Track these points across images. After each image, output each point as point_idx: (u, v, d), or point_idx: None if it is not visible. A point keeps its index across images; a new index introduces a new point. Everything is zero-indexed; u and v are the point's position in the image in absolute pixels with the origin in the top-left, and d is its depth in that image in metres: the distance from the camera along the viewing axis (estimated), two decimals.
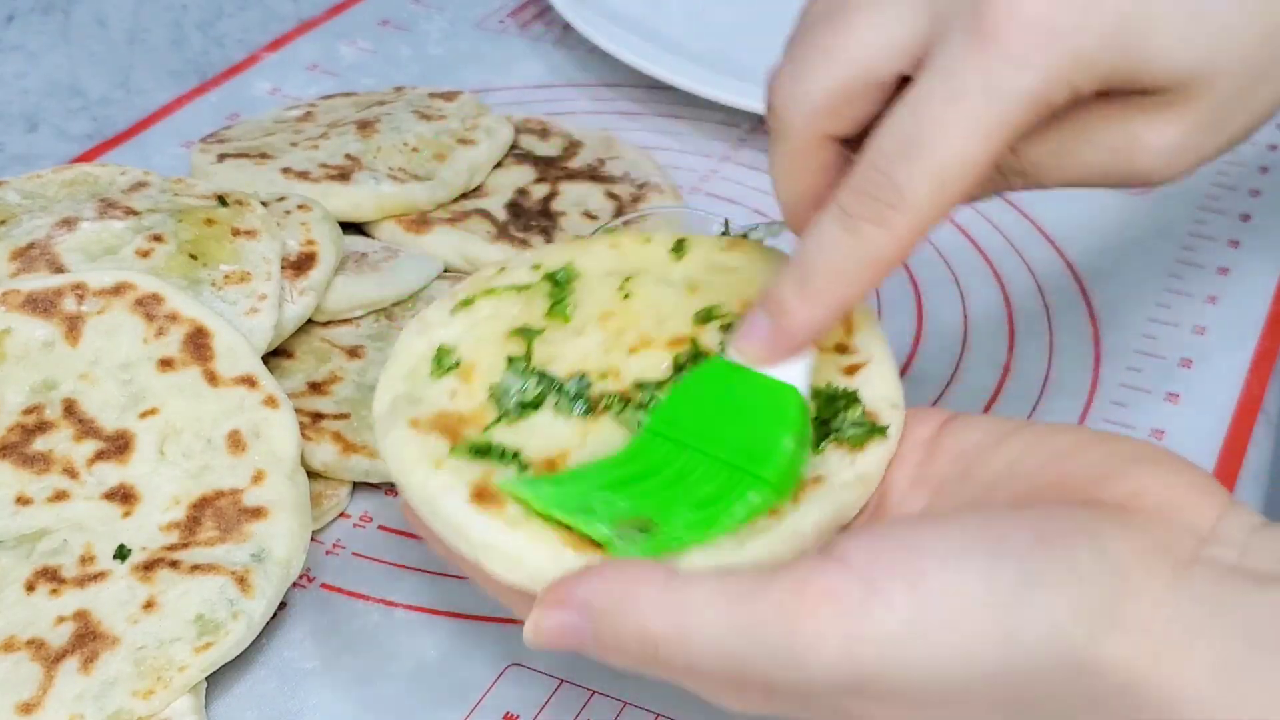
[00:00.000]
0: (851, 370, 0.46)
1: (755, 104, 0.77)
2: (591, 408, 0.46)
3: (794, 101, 0.44)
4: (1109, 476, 0.38)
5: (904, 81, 0.43)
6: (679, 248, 0.50)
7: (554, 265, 0.49)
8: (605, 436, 0.45)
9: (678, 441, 0.44)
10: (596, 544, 0.41)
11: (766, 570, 0.37)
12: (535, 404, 0.46)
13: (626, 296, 0.49)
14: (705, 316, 0.48)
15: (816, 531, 0.42)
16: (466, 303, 0.48)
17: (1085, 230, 0.74)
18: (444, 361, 0.47)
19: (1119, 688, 0.35)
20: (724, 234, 0.60)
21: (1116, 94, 0.43)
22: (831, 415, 0.45)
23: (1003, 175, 0.46)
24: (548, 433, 0.45)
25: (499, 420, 0.46)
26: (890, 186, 0.41)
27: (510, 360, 0.47)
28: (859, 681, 0.35)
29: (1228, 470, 0.59)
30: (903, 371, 0.64)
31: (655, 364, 0.47)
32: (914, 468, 0.43)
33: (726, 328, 0.47)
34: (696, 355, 0.47)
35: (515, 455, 0.44)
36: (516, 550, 0.41)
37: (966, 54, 0.40)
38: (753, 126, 0.82)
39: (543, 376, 0.47)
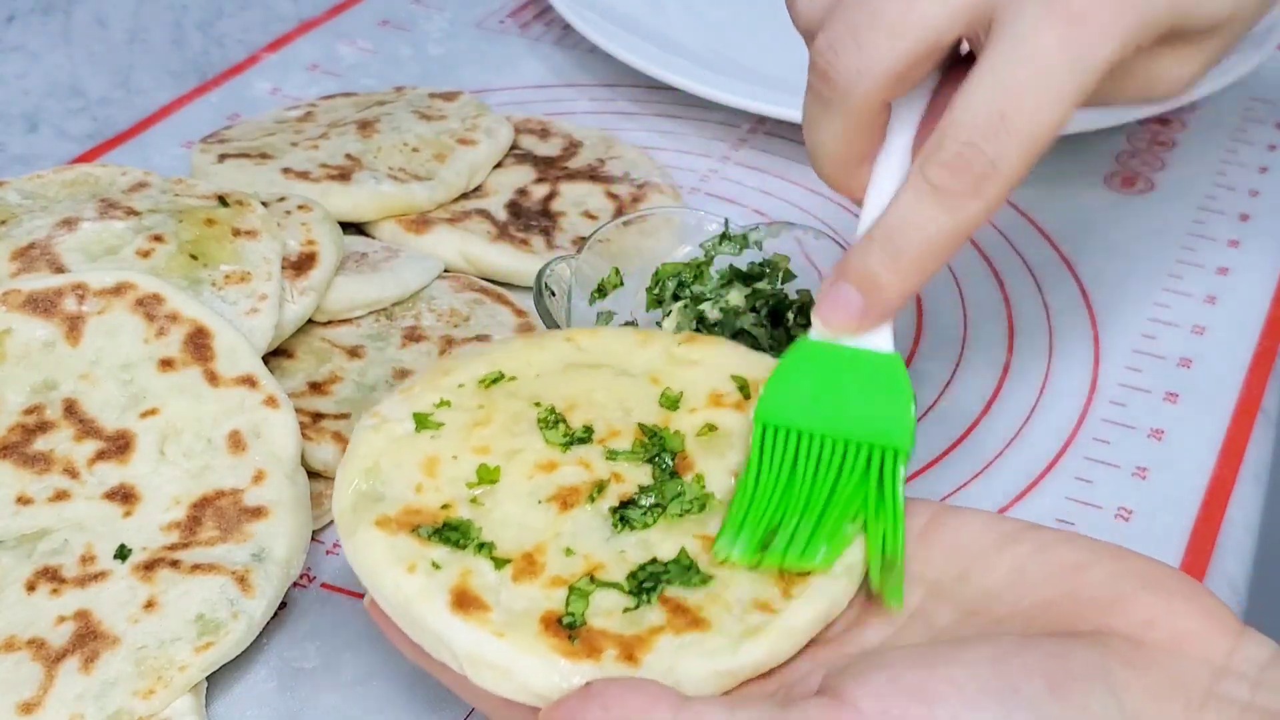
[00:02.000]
0: None
1: (755, 104, 0.77)
2: (558, 496, 0.45)
3: (859, 75, 0.44)
4: (1120, 601, 0.38)
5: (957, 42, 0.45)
6: (642, 342, 0.50)
7: (509, 372, 0.48)
8: (581, 525, 0.44)
9: (796, 429, 0.45)
10: (589, 651, 0.40)
11: (777, 707, 0.37)
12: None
13: (590, 389, 0.48)
14: (672, 404, 0.47)
15: (809, 628, 0.42)
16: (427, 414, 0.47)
17: (1085, 230, 0.74)
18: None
19: None
20: (724, 235, 0.60)
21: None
22: None
23: None
24: (521, 523, 0.44)
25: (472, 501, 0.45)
26: (984, 160, 0.42)
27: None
28: None
29: (1228, 470, 0.59)
30: None
31: (626, 451, 0.47)
32: (907, 563, 0.43)
33: (693, 412, 0.47)
34: (663, 449, 0.46)
35: (486, 547, 0.43)
36: (506, 661, 0.40)
37: (1047, 26, 0.42)
38: (753, 127, 0.82)
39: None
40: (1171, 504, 0.58)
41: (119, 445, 0.53)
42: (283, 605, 0.52)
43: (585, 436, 0.46)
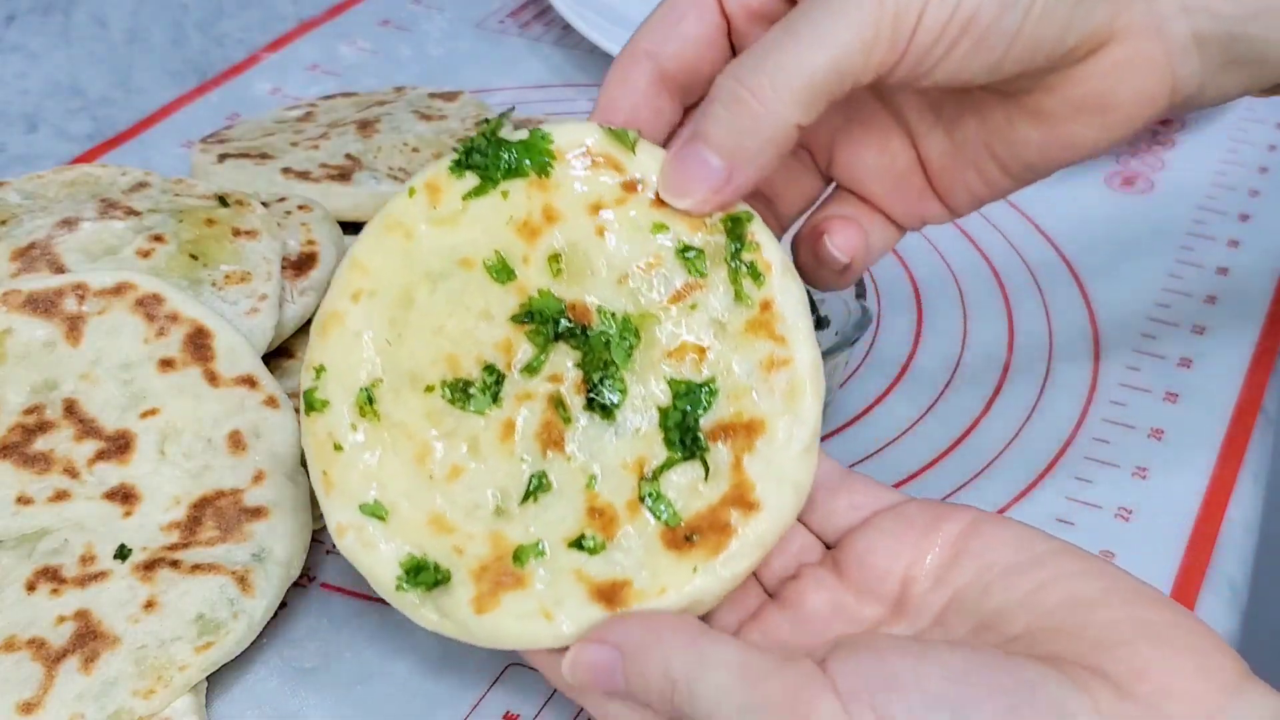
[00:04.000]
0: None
1: None
2: (544, 445, 0.44)
3: None
4: (1118, 646, 0.38)
5: None
6: (430, 195, 0.46)
7: (369, 377, 0.45)
8: (582, 448, 0.44)
9: None
10: (718, 533, 0.42)
11: (777, 658, 0.39)
12: (535, 493, 0.44)
13: (441, 325, 0.45)
14: (501, 273, 0.45)
15: (786, 524, 0.43)
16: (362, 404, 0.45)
17: (1084, 229, 0.74)
18: (381, 512, 0.44)
19: None
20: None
21: None
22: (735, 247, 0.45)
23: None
24: (553, 509, 0.44)
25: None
26: None
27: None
28: None
29: (1228, 470, 0.59)
30: (902, 371, 0.65)
31: (534, 356, 0.45)
32: (939, 567, 0.43)
33: (526, 262, 0.45)
34: (547, 320, 0.44)
35: (564, 544, 0.43)
36: (689, 600, 0.42)
37: None
38: None
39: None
40: (1171, 504, 0.58)
41: (119, 445, 0.53)
42: (283, 605, 0.52)
43: (498, 378, 0.45)
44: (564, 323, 0.45)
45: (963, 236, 0.73)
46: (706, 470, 0.43)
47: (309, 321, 0.62)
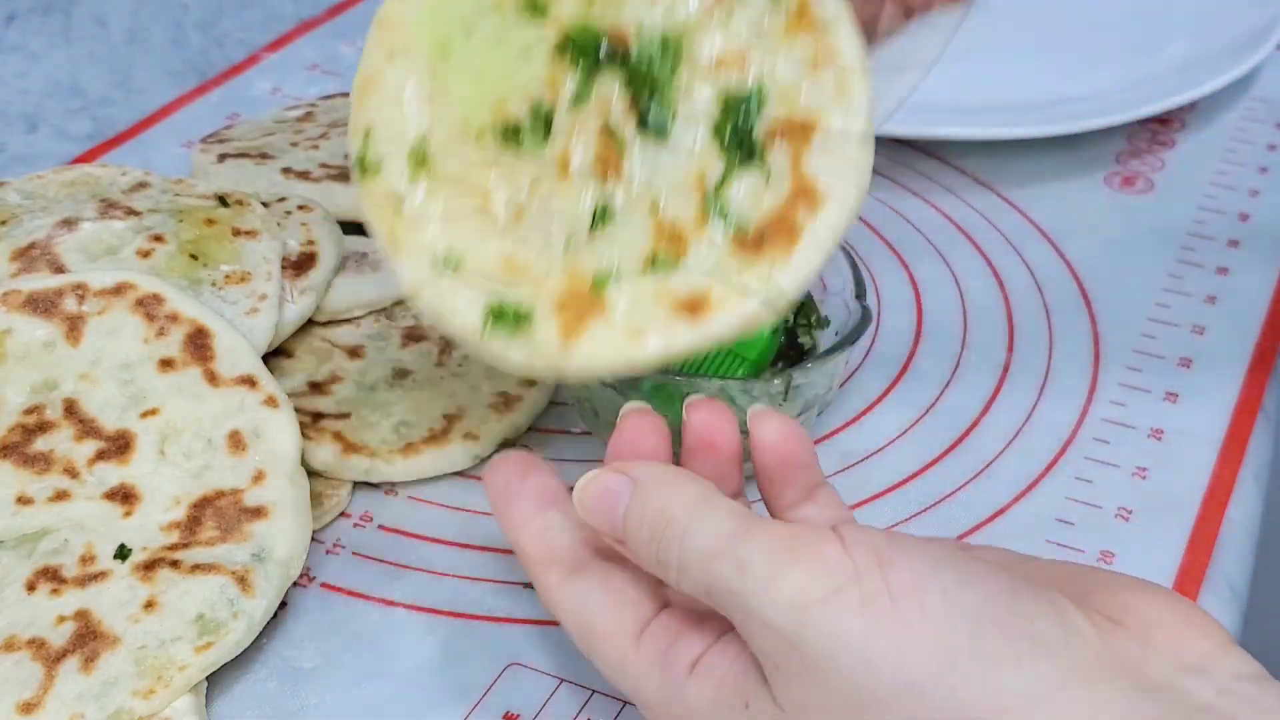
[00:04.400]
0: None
1: None
2: (603, 174, 0.44)
3: None
4: (1101, 591, 0.39)
5: None
6: None
7: (413, 133, 0.45)
8: (638, 173, 0.44)
9: None
10: (789, 233, 0.42)
11: (790, 522, 0.40)
12: (601, 222, 0.44)
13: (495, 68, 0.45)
14: (536, 5, 0.45)
15: (854, 212, 0.43)
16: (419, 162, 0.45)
17: (1085, 229, 0.74)
18: (449, 262, 0.44)
19: None
20: None
21: None
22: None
23: None
24: (621, 235, 0.43)
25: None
26: None
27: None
28: (796, 637, 0.37)
29: (1228, 470, 0.59)
30: (902, 371, 0.64)
31: (580, 83, 0.44)
32: None
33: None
34: (589, 48, 0.44)
35: (645, 263, 0.43)
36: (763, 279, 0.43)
37: None
38: None
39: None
40: (1171, 504, 0.58)
41: (119, 445, 0.53)
42: (283, 605, 0.52)
43: (547, 114, 0.44)
44: (604, 49, 0.44)
45: (962, 235, 0.73)
46: (767, 174, 0.43)
47: (309, 321, 0.62)
